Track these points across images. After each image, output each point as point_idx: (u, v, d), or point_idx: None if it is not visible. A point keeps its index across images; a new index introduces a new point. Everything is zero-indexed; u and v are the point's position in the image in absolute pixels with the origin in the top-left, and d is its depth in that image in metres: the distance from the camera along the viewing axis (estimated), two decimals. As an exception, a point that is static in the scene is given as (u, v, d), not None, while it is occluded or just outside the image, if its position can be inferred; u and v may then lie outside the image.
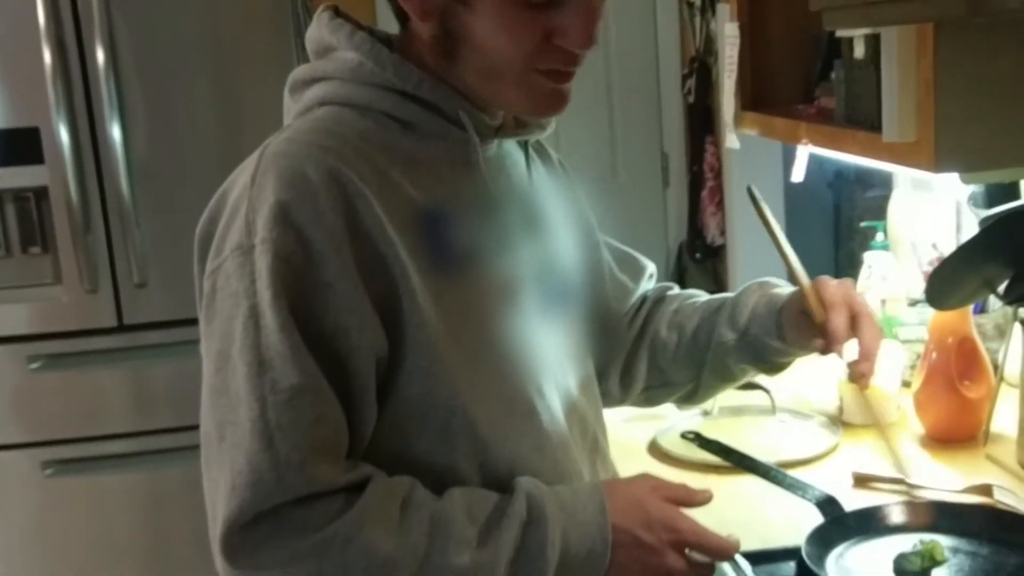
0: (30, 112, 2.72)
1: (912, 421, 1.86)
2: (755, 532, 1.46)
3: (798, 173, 2.04)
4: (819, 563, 1.30)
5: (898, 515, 1.41)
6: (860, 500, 1.52)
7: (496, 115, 1.25)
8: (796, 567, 1.33)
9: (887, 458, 1.53)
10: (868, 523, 1.39)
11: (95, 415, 2.89)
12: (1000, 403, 1.77)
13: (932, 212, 2.25)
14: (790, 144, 2.07)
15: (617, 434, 1.54)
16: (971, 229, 1.99)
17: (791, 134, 1.99)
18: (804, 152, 1.97)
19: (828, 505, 1.41)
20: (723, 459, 1.67)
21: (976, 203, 1.97)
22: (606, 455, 1.40)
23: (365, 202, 1.11)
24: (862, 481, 1.63)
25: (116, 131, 2.74)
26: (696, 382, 1.50)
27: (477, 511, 1.13)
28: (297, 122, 1.21)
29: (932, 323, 1.84)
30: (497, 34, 1.14)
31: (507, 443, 1.20)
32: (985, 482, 1.58)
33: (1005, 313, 1.92)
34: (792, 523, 1.45)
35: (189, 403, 1.28)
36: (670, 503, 1.19)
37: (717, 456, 1.69)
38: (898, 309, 2.12)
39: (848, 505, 1.43)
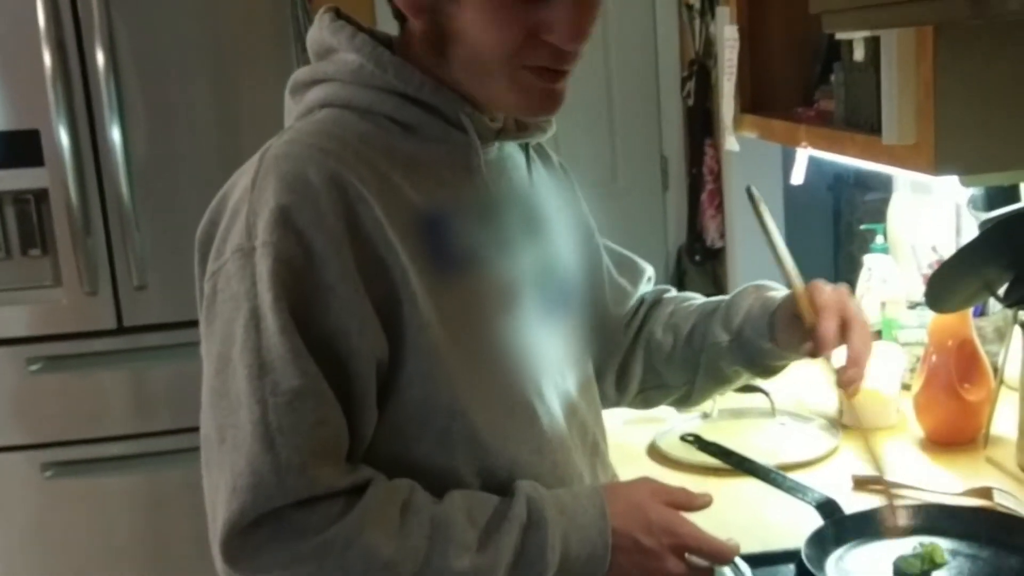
0: (30, 114, 2.72)
1: (912, 424, 1.86)
2: (754, 534, 1.46)
3: (797, 176, 2.04)
4: (819, 566, 1.30)
5: (898, 518, 1.41)
6: (860, 503, 1.52)
7: (497, 117, 1.25)
8: (796, 570, 1.33)
9: (865, 457, 1.50)
10: (868, 526, 1.39)
11: (95, 417, 2.89)
12: (1000, 406, 1.77)
13: (932, 215, 2.25)
14: (789, 147, 2.07)
15: (616, 436, 1.54)
16: (971, 232, 1.99)
17: (791, 137, 1.99)
18: (804, 155, 1.97)
19: (828, 507, 1.41)
20: (722, 461, 1.67)
21: (976, 206, 1.97)
22: (606, 458, 1.40)
23: (366, 206, 1.11)
24: (862, 484, 1.63)
25: (116, 133, 2.74)
26: (691, 384, 1.50)
27: (477, 514, 1.13)
28: (298, 124, 1.21)
29: (932, 326, 1.84)
30: (483, 28, 1.13)
31: (507, 446, 1.20)
32: (985, 485, 1.58)
33: (1005, 316, 1.92)
34: (792, 526, 1.45)
35: (189, 405, 1.28)
36: (670, 507, 1.20)
37: (716, 459, 1.69)
38: (898, 312, 2.12)
39: (848, 508, 1.43)
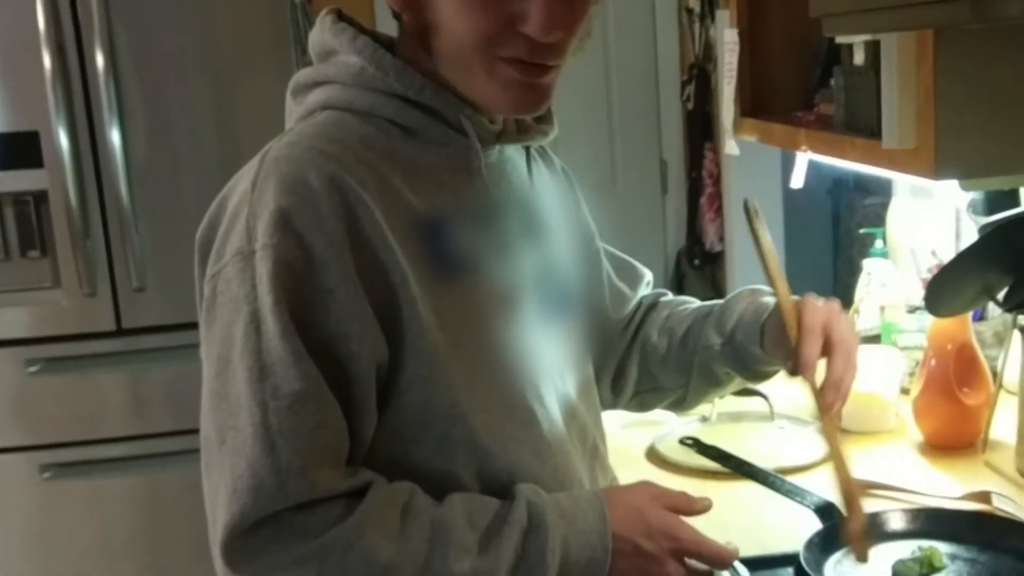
0: (30, 116, 2.72)
1: (911, 428, 1.86)
2: (753, 538, 1.46)
3: (797, 180, 2.05)
4: (817, 569, 1.30)
5: (897, 522, 1.41)
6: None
7: (497, 120, 1.25)
8: (794, 573, 1.32)
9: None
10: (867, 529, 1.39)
11: (93, 419, 2.89)
12: (999, 410, 1.77)
13: (931, 219, 2.26)
14: (789, 151, 2.07)
15: (615, 440, 1.54)
16: (970, 236, 2.00)
17: (790, 141, 1.99)
18: (803, 159, 1.97)
19: (826, 511, 1.41)
20: (721, 465, 1.67)
21: (976, 210, 1.97)
22: (605, 461, 1.40)
23: (366, 209, 1.11)
24: (861, 488, 1.63)
25: (115, 135, 2.74)
26: (685, 387, 1.50)
27: (478, 518, 1.12)
28: (299, 126, 1.21)
29: (931, 330, 1.84)
30: (458, 17, 1.13)
31: (507, 450, 1.19)
32: (984, 489, 1.58)
33: (1004, 320, 1.92)
34: (790, 529, 1.45)
35: (188, 407, 1.28)
36: (670, 511, 1.19)
37: (715, 462, 1.69)
38: (897, 316, 2.12)
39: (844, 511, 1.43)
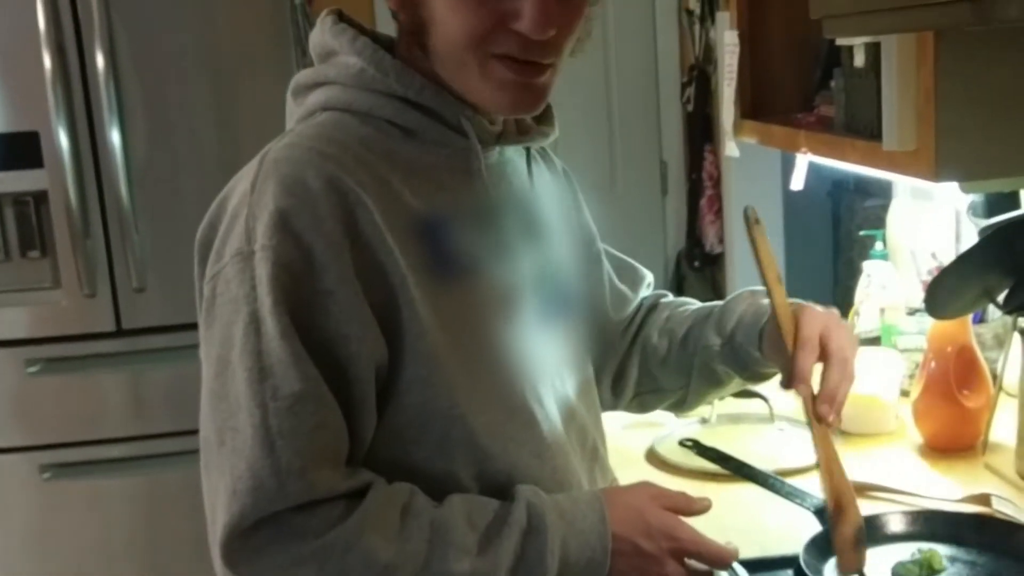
0: (30, 116, 2.72)
1: (911, 430, 1.86)
2: (753, 540, 1.46)
3: (797, 181, 2.04)
4: (817, 571, 1.30)
5: (896, 524, 1.41)
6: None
7: (497, 121, 1.25)
8: (794, 575, 1.32)
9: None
10: (866, 531, 1.39)
11: (93, 419, 2.89)
12: (999, 413, 1.77)
13: (931, 221, 2.26)
14: (789, 152, 2.07)
15: (615, 441, 1.54)
16: (970, 239, 1.99)
17: (790, 142, 1.99)
18: (803, 160, 1.97)
19: (826, 513, 1.41)
20: (721, 467, 1.66)
21: (976, 212, 1.97)
22: (605, 463, 1.40)
23: (365, 210, 1.11)
24: (860, 490, 1.62)
25: (115, 136, 2.74)
26: (685, 388, 1.50)
27: (477, 518, 1.13)
28: (298, 127, 1.21)
29: (931, 332, 1.84)
30: (451, 15, 1.13)
31: (507, 451, 1.19)
32: (983, 491, 1.58)
33: (1004, 323, 1.93)
34: (790, 531, 1.45)
35: (187, 407, 1.28)
36: (669, 511, 1.19)
37: (715, 464, 1.68)
38: (897, 318, 2.12)
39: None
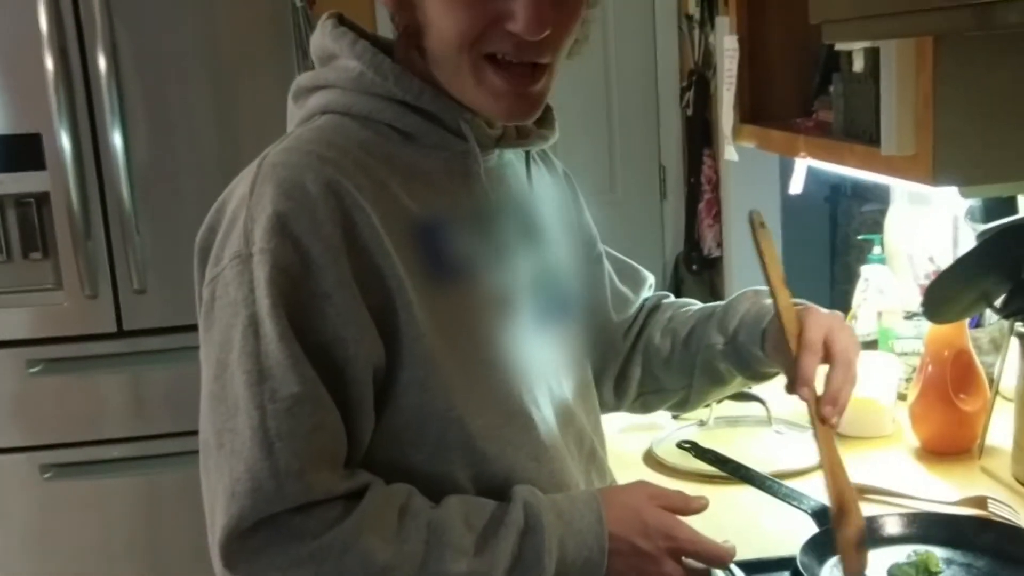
0: (32, 118, 2.73)
1: (907, 434, 1.87)
2: (750, 542, 1.45)
3: (796, 186, 2.05)
4: (813, 573, 1.30)
5: (893, 526, 1.41)
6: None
7: (497, 124, 1.25)
8: (790, 577, 1.33)
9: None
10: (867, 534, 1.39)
11: (94, 419, 2.89)
12: (995, 416, 1.77)
13: (929, 226, 2.26)
14: (788, 157, 2.08)
15: (613, 443, 1.54)
16: (968, 243, 2.00)
17: (789, 147, 2.00)
18: (802, 165, 1.98)
19: (823, 515, 1.41)
20: (718, 469, 1.67)
21: (973, 217, 1.97)
22: (603, 465, 1.40)
23: (363, 214, 1.11)
24: (857, 492, 1.63)
25: (117, 138, 2.74)
26: (688, 388, 1.51)
27: (474, 519, 1.13)
28: (297, 131, 1.21)
29: (928, 336, 1.84)
30: (445, 16, 1.14)
31: (504, 454, 1.20)
32: (980, 495, 1.58)
33: (1001, 327, 1.93)
34: (787, 533, 1.45)
35: (187, 408, 1.29)
36: (666, 511, 1.20)
37: (712, 466, 1.68)
38: (894, 322, 2.13)
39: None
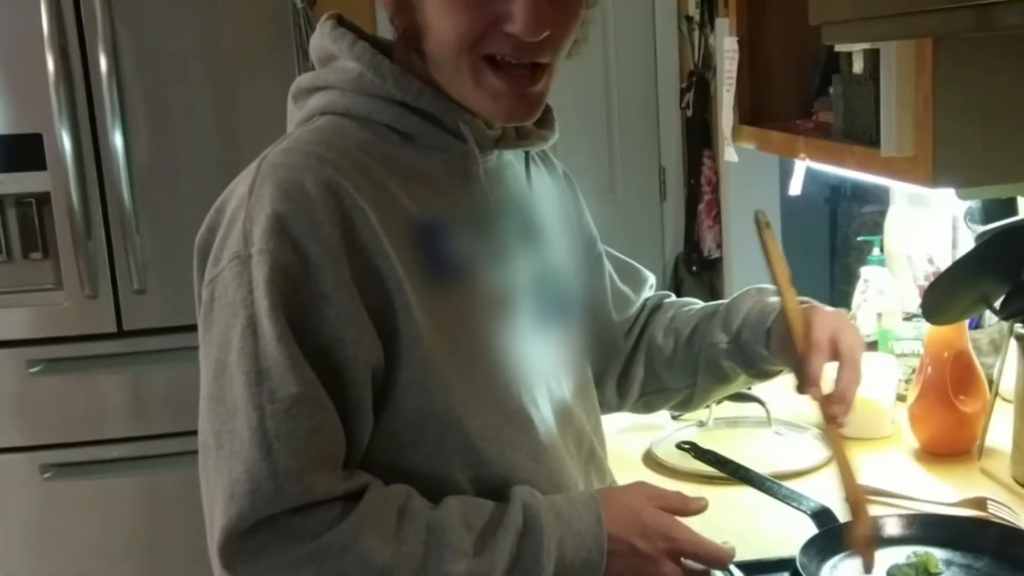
0: (33, 118, 2.73)
1: (907, 435, 1.87)
2: (750, 543, 1.46)
3: (795, 187, 2.05)
4: (813, 574, 1.30)
5: (892, 527, 1.41)
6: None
7: (496, 125, 1.25)
8: (790, 578, 1.33)
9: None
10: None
11: (94, 419, 2.89)
12: (995, 418, 1.77)
13: (928, 227, 2.26)
14: (788, 158, 2.08)
15: (612, 444, 1.54)
16: (967, 245, 2.00)
17: (789, 148, 2.00)
18: (801, 166, 1.98)
19: (823, 516, 1.41)
20: (718, 470, 1.67)
21: (973, 219, 1.97)
22: (603, 466, 1.40)
23: (362, 215, 1.11)
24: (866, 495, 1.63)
25: (118, 138, 2.74)
26: (692, 387, 1.51)
27: (473, 520, 1.13)
28: (297, 132, 1.21)
29: (928, 337, 1.84)
30: (443, 18, 1.14)
31: (503, 455, 1.20)
32: (979, 496, 1.58)
33: (1000, 328, 1.93)
34: (787, 534, 1.45)
35: (187, 408, 1.29)
36: (666, 511, 1.20)
37: (712, 467, 1.69)
38: (894, 323, 2.13)
39: (843, 516, 1.43)
